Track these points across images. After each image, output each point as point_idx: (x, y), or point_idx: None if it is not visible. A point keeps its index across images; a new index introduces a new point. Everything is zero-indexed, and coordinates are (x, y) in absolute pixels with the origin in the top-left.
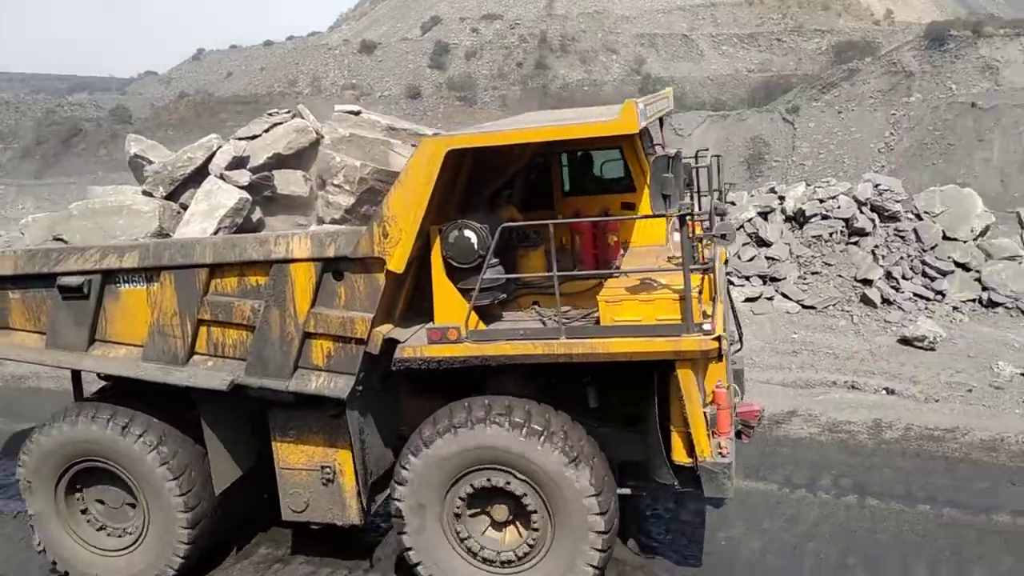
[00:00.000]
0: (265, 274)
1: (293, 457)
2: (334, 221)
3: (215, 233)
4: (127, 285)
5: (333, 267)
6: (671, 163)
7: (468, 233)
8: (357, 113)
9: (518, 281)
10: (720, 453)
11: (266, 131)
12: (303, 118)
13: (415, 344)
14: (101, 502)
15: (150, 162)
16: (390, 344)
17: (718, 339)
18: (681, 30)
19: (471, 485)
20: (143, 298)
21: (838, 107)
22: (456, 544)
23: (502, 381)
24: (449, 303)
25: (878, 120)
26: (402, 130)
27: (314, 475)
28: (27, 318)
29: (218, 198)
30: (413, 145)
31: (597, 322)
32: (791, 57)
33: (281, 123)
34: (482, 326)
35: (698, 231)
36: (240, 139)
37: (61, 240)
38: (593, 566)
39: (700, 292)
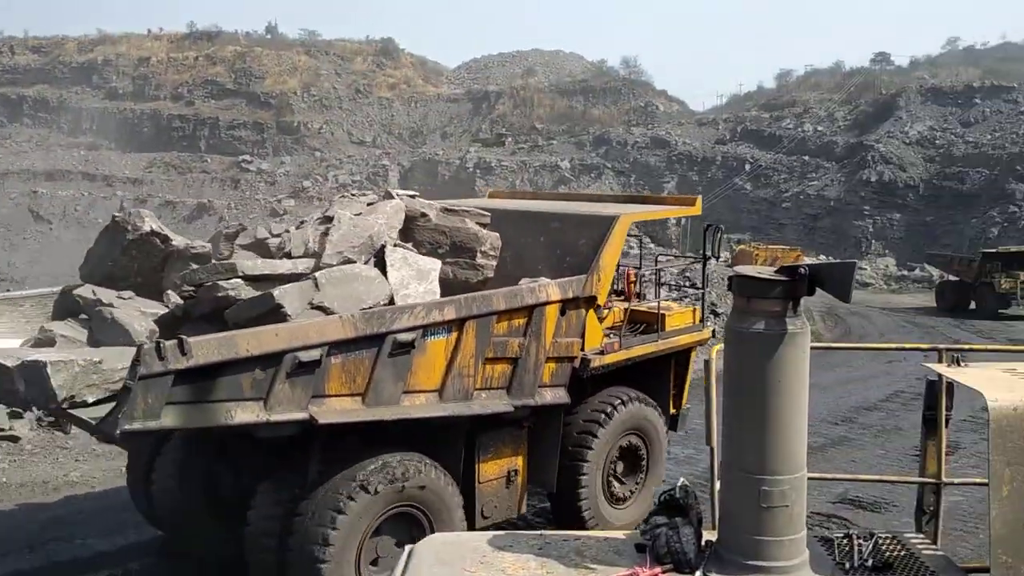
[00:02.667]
0: (525, 316)
1: (491, 470)
2: (484, 281)
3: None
4: (433, 337)
5: (563, 306)
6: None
7: None
8: (414, 196)
9: None
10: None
11: (366, 208)
12: (397, 198)
13: (599, 356)
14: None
15: (167, 239)
16: (583, 360)
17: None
18: None
19: (619, 446)
20: (442, 347)
21: None
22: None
23: (602, 380)
24: (595, 329)
25: None
26: (460, 210)
27: (502, 481)
28: (343, 382)
29: (419, 264)
30: (478, 223)
31: (659, 329)
32: None
33: (373, 202)
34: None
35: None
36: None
37: (322, 309)
38: None
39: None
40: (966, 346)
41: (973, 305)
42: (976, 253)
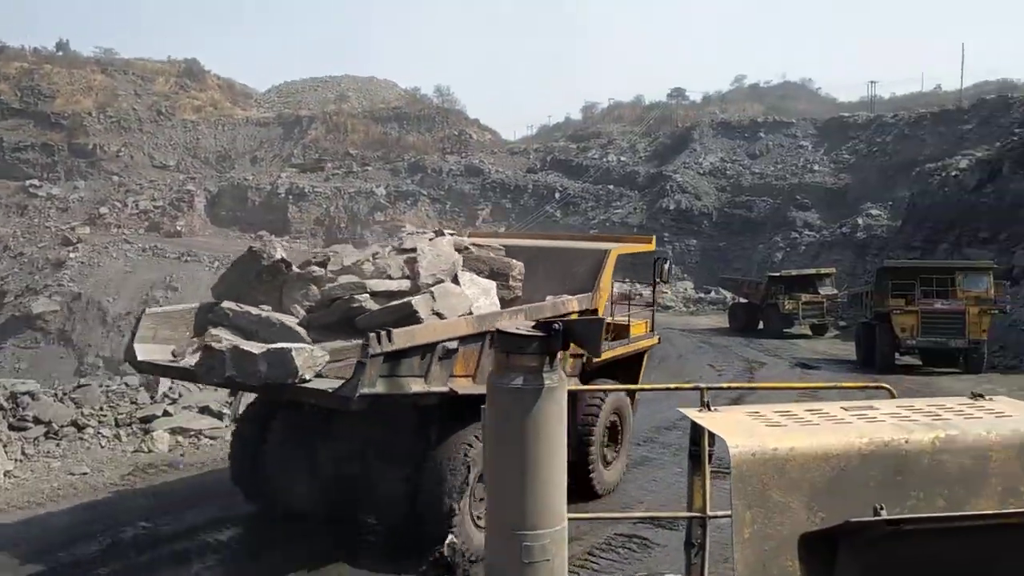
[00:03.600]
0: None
1: None
2: (515, 299)
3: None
4: None
5: (579, 315)
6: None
7: None
8: (454, 234)
9: None
10: None
11: (428, 242)
12: (445, 235)
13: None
14: None
15: (289, 266)
16: (588, 357)
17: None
18: None
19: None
20: None
21: None
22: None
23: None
24: None
25: None
26: (484, 246)
27: None
28: (463, 366)
29: (482, 284)
30: (504, 258)
31: (628, 336)
32: None
33: (432, 238)
34: None
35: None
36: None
37: (438, 315)
38: None
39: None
40: (725, 385)
41: (761, 325)
42: (763, 276)
